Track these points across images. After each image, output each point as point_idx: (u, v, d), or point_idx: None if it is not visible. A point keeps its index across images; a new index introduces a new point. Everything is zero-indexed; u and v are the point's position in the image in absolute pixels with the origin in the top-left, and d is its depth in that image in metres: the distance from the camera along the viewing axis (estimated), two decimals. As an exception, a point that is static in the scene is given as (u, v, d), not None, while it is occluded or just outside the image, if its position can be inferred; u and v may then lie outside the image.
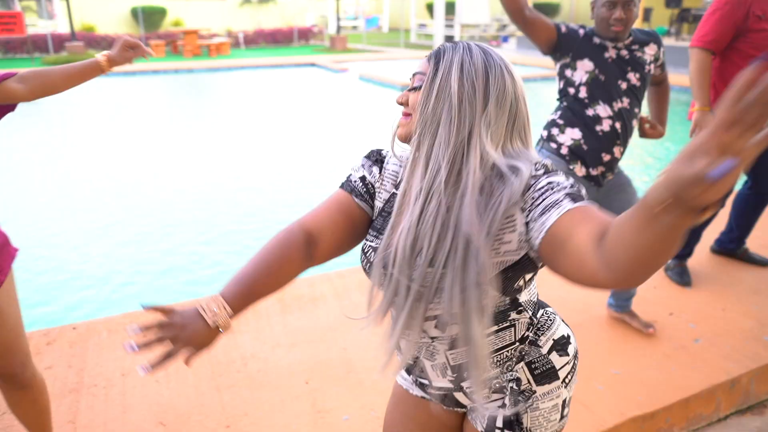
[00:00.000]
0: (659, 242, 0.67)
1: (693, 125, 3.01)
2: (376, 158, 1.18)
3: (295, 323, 2.79)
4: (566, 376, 1.14)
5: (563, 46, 2.28)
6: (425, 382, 1.19)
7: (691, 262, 3.36)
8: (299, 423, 2.15)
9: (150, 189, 5.85)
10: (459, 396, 1.18)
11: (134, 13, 22.10)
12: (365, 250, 1.12)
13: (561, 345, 1.14)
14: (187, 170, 6.49)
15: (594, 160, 2.32)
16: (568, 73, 2.32)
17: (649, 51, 2.32)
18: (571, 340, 1.17)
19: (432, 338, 1.08)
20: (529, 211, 0.94)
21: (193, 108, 10.81)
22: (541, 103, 11.33)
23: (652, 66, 2.36)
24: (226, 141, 7.94)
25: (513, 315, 1.07)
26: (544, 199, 0.92)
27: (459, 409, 1.23)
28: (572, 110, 2.32)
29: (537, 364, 1.11)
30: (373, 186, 1.15)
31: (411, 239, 0.98)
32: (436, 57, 1.03)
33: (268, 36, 22.73)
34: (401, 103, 1.08)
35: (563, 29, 2.28)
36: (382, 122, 9.37)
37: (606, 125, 2.28)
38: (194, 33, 18.37)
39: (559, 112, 2.37)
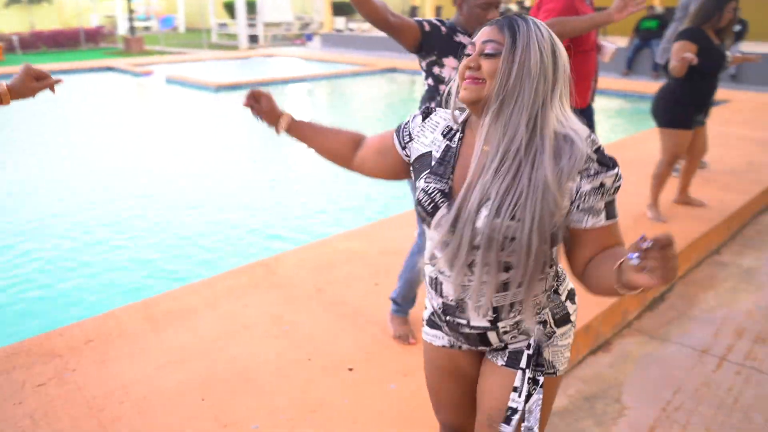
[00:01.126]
0: (611, 294, 1.10)
1: None
2: (424, 111, 1.38)
3: (173, 340, 2.58)
4: (574, 321, 1.36)
5: (428, 44, 2.34)
6: (462, 321, 1.30)
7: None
8: (206, 442, 2.01)
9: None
10: (491, 335, 1.30)
11: None
12: (429, 192, 1.25)
13: (572, 295, 1.36)
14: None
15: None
16: (436, 70, 2.40)
17: None
18: (575, 292, 1.39)
19: (482, 282, 1.20)
20: (578, 199, 1.16)
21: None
22: (353, 97, 11.71)
23: None
24: (34, 159, 6.99)
25: (547, 268, 1.25)
26: (591, 198, 1.15)
27: (482, 347, 1.36)
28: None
29: (557, 310, 1.32)
30: (409, 131, 1.37)
31: (482, 194, 1.14)
32: (511, 29, 1.15)
33: (49, 39, 20.35)
34: (471, 67, 1.18)
35: (426, 27, 2.33)
36: (203, 124, 8.95)
37: None
38: (-46, 37, 15.80)
39: (434, 103, 2.44)
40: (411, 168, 1.39)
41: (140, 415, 2.12)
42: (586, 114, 3.48)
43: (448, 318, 1.33)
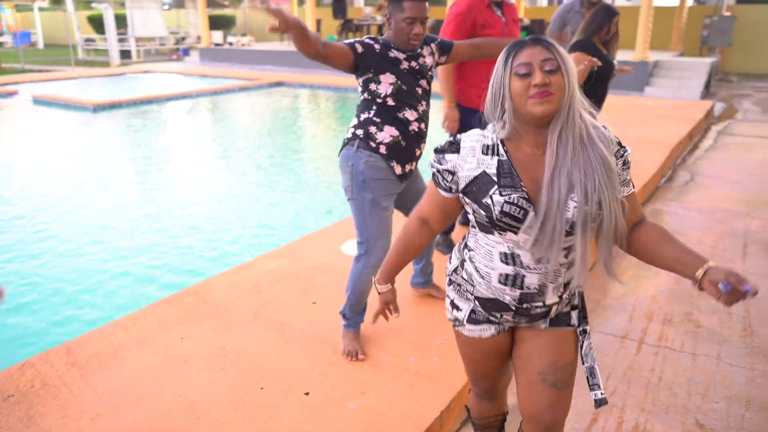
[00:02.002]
0: (666, 269, 1.44)
1: (443, 119, 3.49)
2: (451, 147, 1.50)
3: (106, 384, 2.38)
4: None
5: (363, 64, 2.38)
6: (538, 304, 1.52)
7: (453, 235, 3.87)
8: (168, 489, 1.88)
9: None
10: (554, 308, 1.55)
11: None
12: (515, 201, 1.40)
13: None
14: None
15: (410, 156, 2.51)
16: (372, 86, 2.43)
17: (428, 56, 2.58)
18: None
19: (560, 264, 1.46)
20: (619, 175, 1.44)
21: None
22: (242, 112, 11.44)
23: (433, 69, 2.63)
24: None
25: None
26: (624, 173, 1.47)
27: (540, 321, 1.58)
28: (386, 112, 2.46)
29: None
30: (449, 171, 1.50)
31: (567, 182, 1.37)
32: (554, 48, 1.38)
33: None
34: (544, 83, 1.35)
35: (359, 49, 2.36)
36: (83, 147, 8.32)
37: (415, 126, 2.50)
38: None
39: (373, 111, 2.47)
40: (463, 194, 1.51)
41: (87, 470, 1.94)
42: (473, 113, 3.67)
43: (525, 305, 1.52)
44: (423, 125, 2.54)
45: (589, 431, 2.38)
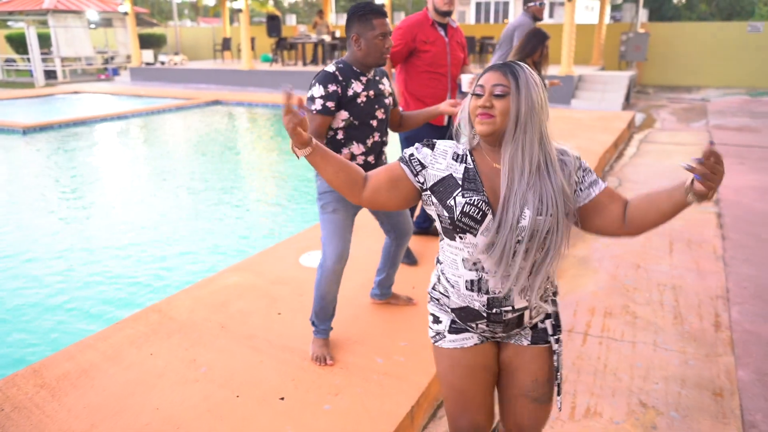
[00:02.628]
0: (670, 218, 1.49)
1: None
2: (427, 144, 1.63)
3: (79, 403, 2.39)
4: None
5: (338, 106, 2.53)
6: (507, 308, 1.60)
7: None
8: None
9: None
10: (526, 314, 1.62)
11: None
12: (475, 203, 1.52)
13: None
14: None
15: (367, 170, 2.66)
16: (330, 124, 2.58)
17: (386, 83, 2.74)
18: None
19: (521, 269, 1.53)
20: (581, 184, 1.58)
21: None
22: (180, 132, 11.30)
23: (391, 98, 2.76)
24: None
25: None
26: (588, 177, 1.59)
27: (515, 330, 1.66)
28: (334, 144, 2.59)
29: (552, 288, 1.71)
30: (420, 161, 1.60)
31: (522, 200, 1.48)
32: (514, 74, 1.49)
33: None
34: (485, 106, 1.50)
35: (331, 107, 2.50)
36: (14, 171, 8.00)
37: (360, 160, 2.64)
38: None
39: (326, 141, 2.60)
40: (429, 192, 1.60)
41: (73, 485, 1.97)
42: (443, 131, 3.89)
43: (494, 310, 1.59)
44: (372, 157, 2.68)
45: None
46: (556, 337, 1.69)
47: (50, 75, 19.36)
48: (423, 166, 1.60)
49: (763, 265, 4.16)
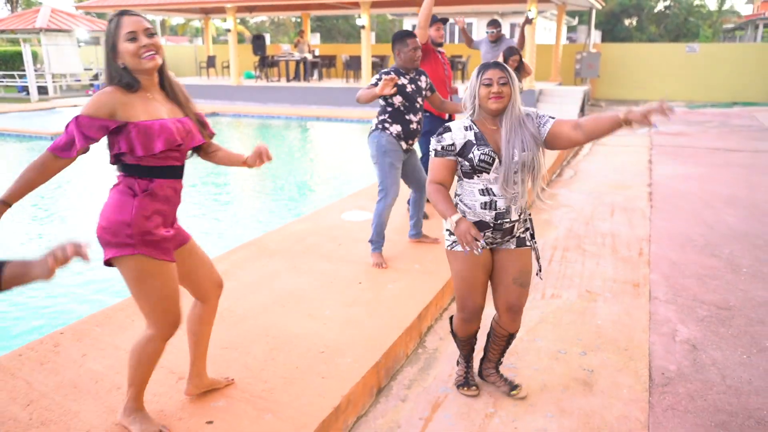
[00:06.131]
0: (611, 132, 2.37)
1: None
2: (444, 130, 2.48)
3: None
4: None
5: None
6: (507, 220, 2.45)
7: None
8: None
9: None
10: (517, 225, 2.49)
11: None
12: (487, 153, 2.39)
13: None
14: None
15: (410, 139, 4.07)
16: (389, 99, 3.99)
17: (423, 79, 4.16)
18: None
19: (516, 192, 2.42)
20: (543, 125, 2.47)
21: None
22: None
23: (428, 91, 4.19)
24: None
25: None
26: (542, 120, 2.48)
27: (507, 237, 2.51)
28: (396, 114, 4.02)
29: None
30: (451, 143, 2.45)
31: (512, 144, 2.41)
32: (506, 70, 2.41)
33: None
34: (497, 92, 2.38)
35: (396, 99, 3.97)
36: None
37: (414, 125, 4.08)
38: None
39: (387, 115, 4.03)
40: (458, 154, 2.45)
41: None
42: (445, 121, 5.32)
43: (499, 221, 2.44)
44: (418, 126, 4.12)
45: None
46: (533, 241, 2.60)
47: (41, 90, 20.22)
48: (452, 144, 2.44)
49: (675, 221, 5.70)
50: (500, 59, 5.83)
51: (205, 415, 2.39)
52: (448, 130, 2.46)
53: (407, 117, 4.04)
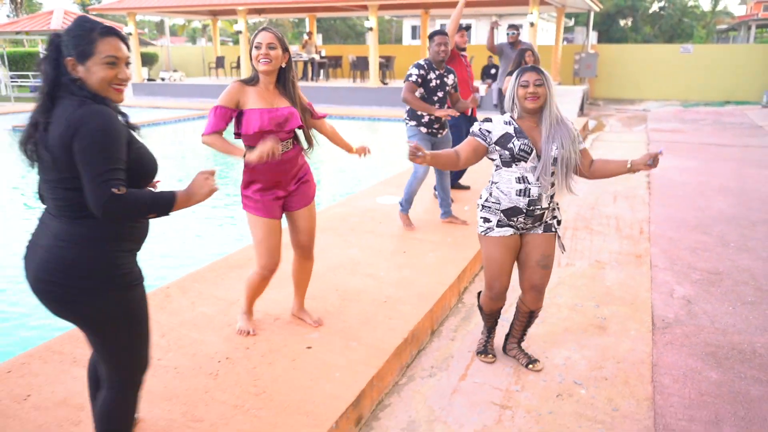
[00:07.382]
0: (614, 176, 2.85)
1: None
2: (486, 120, 2.79)
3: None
4: None
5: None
6: (538, 207, 2.70)
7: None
8: None
9: None
10: (546, 213, 2.76)
11: None
12: (526, 144, 2.66)
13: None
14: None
15: (428, 127, 4.76)
16: (420, 90, 4.65)
17: (451, 77, 4.81)
18: None
19: (549, 183, 2.70)
20: (578, 140, 2.77)
21: None
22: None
23: (452, 88, 4.84)
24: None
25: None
26: (580, 138, 2.79)
27: (536, 223, 2.76)
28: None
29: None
30: (488, 130, 2.75)
31: (551, 140, 2.68)
32: (542, 72, 2.68)
33: None
34: (534, 93, 2.64)
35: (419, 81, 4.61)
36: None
37: (426, 117, 4.75)
38: None
39: (408, 107, 4.72)
40: (494, 144, 2.71)
41: None
42: (471, 118, 5.96)
43: (531, 207, 2.69)
44: (435, 117, 4.76)
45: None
46: (559, 227, 2.84)
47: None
48: (490, 132, 2.72)
49: (671, 207, 6.36)
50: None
51: (304, 343, 3.02)
52: (490, 120, 2.79)
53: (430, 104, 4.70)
